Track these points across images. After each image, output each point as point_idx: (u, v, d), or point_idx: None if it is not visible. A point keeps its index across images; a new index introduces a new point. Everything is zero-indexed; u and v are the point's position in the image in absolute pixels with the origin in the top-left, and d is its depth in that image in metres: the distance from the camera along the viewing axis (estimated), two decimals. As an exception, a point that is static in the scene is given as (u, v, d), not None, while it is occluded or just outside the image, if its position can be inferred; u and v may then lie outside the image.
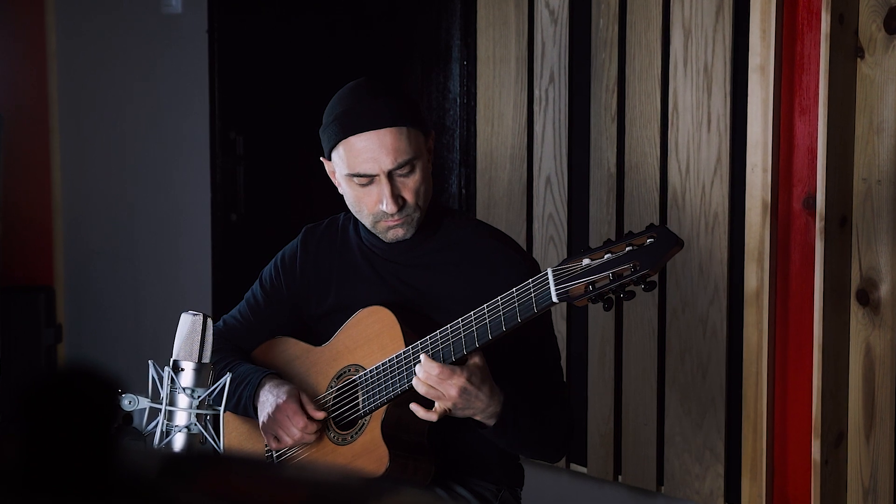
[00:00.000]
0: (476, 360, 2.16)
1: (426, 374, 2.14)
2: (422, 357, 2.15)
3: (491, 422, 2.19)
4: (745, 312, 3.11)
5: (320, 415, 2.32)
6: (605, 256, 2.02)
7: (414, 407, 2.17)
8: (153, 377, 1.95)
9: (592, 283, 2.02)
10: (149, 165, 4.66)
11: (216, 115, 4.37)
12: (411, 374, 2.20)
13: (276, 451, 2.41)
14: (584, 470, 3.50)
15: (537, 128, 3.50)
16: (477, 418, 2.19)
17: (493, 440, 2.23)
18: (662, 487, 3.35)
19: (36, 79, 4.86)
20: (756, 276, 3.08)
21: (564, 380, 2.40)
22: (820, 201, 2.93)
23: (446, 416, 2.27)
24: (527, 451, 2.34)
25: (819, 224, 2.94)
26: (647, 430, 3.35)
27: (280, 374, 2.40)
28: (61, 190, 4.91)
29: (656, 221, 3.25)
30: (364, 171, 2.25)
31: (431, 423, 2.27)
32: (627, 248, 2.01)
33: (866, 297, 2.95)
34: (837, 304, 2.97)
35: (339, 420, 2.34)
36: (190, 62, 4.43)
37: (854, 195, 2.95)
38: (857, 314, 2.97)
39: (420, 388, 2.15)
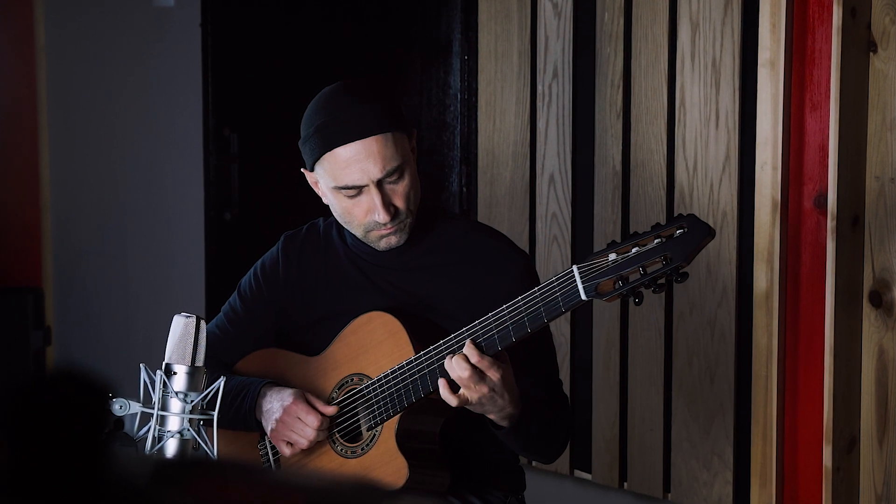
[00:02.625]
0: (505, 360, 2.15)
1: (467, 361, 2.10)
2: (466, 343, 2.12)
3: (505, 423, 2.19)
4: (755, 314, 3.11)
5: (331, 409, 2.29)
6: (633, 250, 2.01)
7: (442, 384, 2.14)
8: (145, 381, 1.95)
9: (622, 278, 2.02)
10: (140, 163, 4.66)
11: (210, 111, 4.37)
12: (426, 380, 2.19)
13: (278, 458, 2.38)
14: (588, 476, 3.50)
15: (540, 124, 3.50)
16: (491, 417, 2.19)
17: (503, 440, 2.23)
18: (669, 494, 3.35)
19: (24, 74, 4.86)
20: (766, 277, 3.08)
21: (559, 378, 2.40)
22: (831, 200, 2.93)
23: (455, 423, 2.26)
24: (530, 453, 2.34)
25: (830, 223, 2.94)
26: (654, 435, 3.35)
27: (277, 382, 2.38)
28: (50, 188, 4.91)
29: (663, 220, 3.24)
30: (352, 182, 2.22)
31: (440, 430, 2.26)
32: (656, 241, 2.00)
33: (879, 299, 2.95)
34: (849, 306, 2.97)
35: (345, 432, 2.33)
36: (182, 57, 4.43)
37: (867, 193, 2.95)
38: (869, 316, 2.97)
39: (461, 374, 2.11)
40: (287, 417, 2.28)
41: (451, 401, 2.13)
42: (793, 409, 3.10)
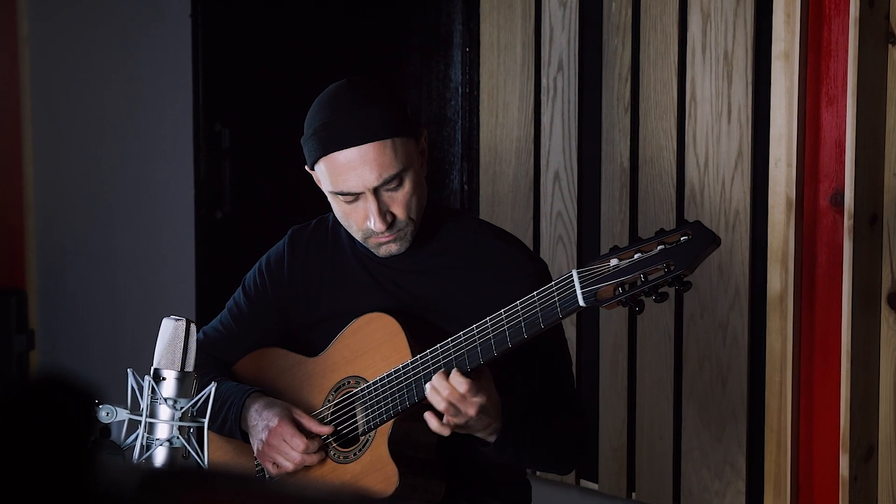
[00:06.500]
0: (487, 375, 2.15)
1: (451, 388, 2.12)
2: (453, 372, 2.13)
3: (491, 439, 2.19)
4: (768, 317, 3.12)
5: (325, 430, 2.30)
6: (635, 256, 2.02)
7: (428, 416, 2.15)
8: (133, 387, 1.95)
9: (622, 284, 2.02)
10: (128, 160, 4.66)
11: (200, 105, 4.37)
12: (421, 385, 2.19)
13: (276, 477, 2.38)
14: (595, 486, 3.51)
15: (545, 119, 3.51)
16: (478, 435, 2.19)
17: (494, 456, 2.24)
18: (679, 505, 3.35)
19: (6, 66, 4.86)
20: (780, 279, 3.08)
21: (576, 386, 2.40)
22: (848, 198, 2.94)
23: (454, 433, 2.27)
24: (532, 465, 2.34)
25: (847, 222, 2.94)
26: (663, 443, 3.35)
27: (264, 391, 2.38)
28: (33, 186, 4.91)
29: (672, 219, 3.25)
30: (347, 188, 2.23)
31: (439, 437, 2.26)
32: (659, 247, 2.01)
33: (898, 301, 2.95)
34: (867, 309, 2.97)
35: (339, 436, 2.33)
36: (172, 49, 4.44)
37: (885, 191, 2.95)
38: (888, 319, 2.97)
39: (439, 405, 2.14)
40: (273, 440, 2.29)
41: (443, 431, 2.15)
42: (808, 416, 3.10)
